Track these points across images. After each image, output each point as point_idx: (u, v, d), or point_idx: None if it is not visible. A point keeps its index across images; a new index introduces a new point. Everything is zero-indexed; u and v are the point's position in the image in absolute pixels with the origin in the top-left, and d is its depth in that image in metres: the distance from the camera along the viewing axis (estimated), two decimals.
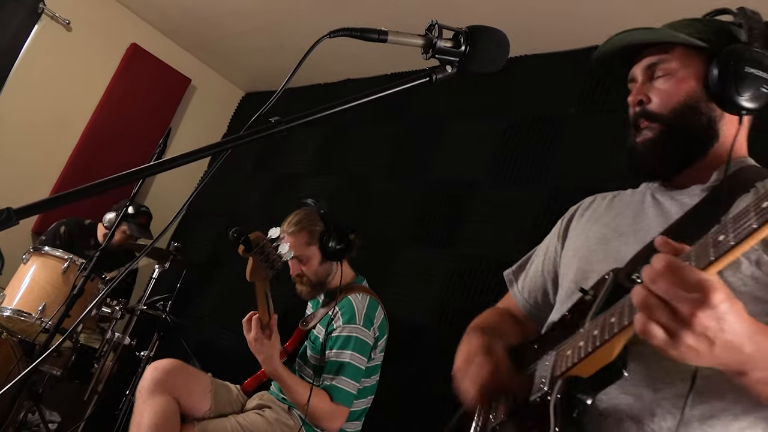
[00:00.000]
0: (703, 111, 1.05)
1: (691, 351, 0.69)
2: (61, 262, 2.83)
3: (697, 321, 0.67)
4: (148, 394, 2.02)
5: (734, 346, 0.69)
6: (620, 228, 1.12)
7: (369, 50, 3.47)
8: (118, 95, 4.27)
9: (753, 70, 0.96)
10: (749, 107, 0.97)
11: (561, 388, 0.90)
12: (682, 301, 0.67)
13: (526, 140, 2.88)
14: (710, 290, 0.66)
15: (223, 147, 0.80)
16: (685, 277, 0.67)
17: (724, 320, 0.67)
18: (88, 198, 0.71)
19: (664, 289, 0.68)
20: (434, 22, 0.88)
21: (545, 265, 1.30)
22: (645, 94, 1.10)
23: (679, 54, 1.08)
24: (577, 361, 0.88)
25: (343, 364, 2.06)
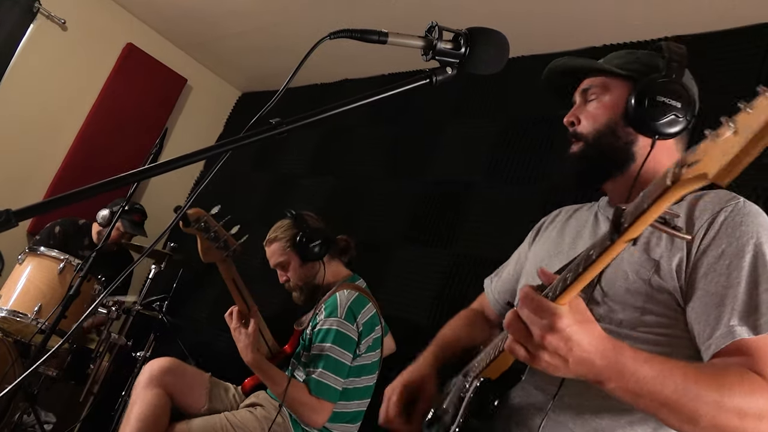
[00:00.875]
0: (620, 134, 1.17)
1: (550, 366, 0.82)
2: (56, 263, 2.82)
3: (547, 342, 0.79)
4: (142, 387, 2.08)
5: (585, 361, 0.81)
6: (560, 246, 1.27)
7: (367, 51, 3.47)
8: (113, 95, 4.26)
9: (664, 98, 1.08)
10: (663, 132, 1.09)
11: (474, 387, 1.06)
12: (535, 326, 0.80)
13: (523, 141, 2.88)
14: (556, 317, 0.78)
15: (223, 149, 0.79)
16: (538, 305, 0.80)
17: (571, 341, 0.79)
18: (85, 200, 0.71)
19: (525, 315, 0.81)
20: (434, 23, 0.88)
21: (516, 270, 1.43)
22: (576, 116, 1.25)
23: (605, 82, 1.22)
24: (486, 366, 1.05)
25: (322, 357, 2.05)
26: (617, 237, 0.73)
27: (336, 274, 2.36)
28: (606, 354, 0.82)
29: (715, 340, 0.94)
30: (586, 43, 2.84)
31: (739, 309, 0.94)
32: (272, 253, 2.37)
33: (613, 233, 0.73)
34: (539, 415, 1.04)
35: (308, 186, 3.86)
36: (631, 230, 0.71)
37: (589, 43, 2.84)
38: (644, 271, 1.04)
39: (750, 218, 1.01)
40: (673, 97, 1.08)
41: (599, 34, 2.73)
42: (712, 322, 0.95)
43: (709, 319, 0.96)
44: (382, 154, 3.56)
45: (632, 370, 0.83)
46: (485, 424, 1.03)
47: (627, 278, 1.06)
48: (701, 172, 0.59)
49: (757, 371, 0.88)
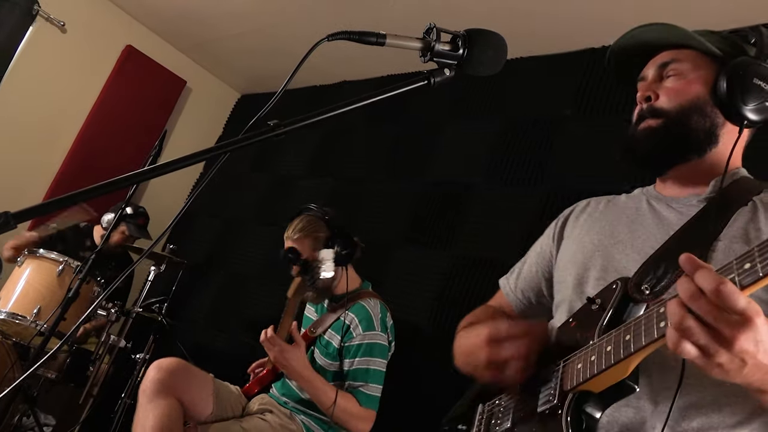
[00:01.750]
0: (708, 115, 1.07)
1: (722, 369, 0.70)
2: (56, 265, 2.81)
3: (738, 344, 0.68)
4: (153, 394, 1.99)
5: (763, 366, 0.71)
6: (617, 235, 1.12)
7: (365, 53, 3.47)
8: (113, 97, 4.26)
9: (759, 82, 0.99)
10: (751, 119, 0.99)
11: (572, 402, 0.89)
12: (724, 324, 0.68)
13: (523, 142, 2.89)
14: (755, 314, 0.67)
15: (222, 150, 0.79)
16: (733, 298, 0.67)
17: (762, 342, 0.68)
18: (85, 201, 0.71)
19: (706, 310, 0.68)
20: (432, 25, 0.88)
21: (540, 266, 1.31)
22: (654, 91, 1.12)
23: (692, 57, 1.11)
24: (590, 377, 0.88)
25: (369, 371, 2.11)
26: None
27: (353, 281, 2.32)
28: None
29: None
30: (585, 44, 2.84)
31: None
32: (299, 250, 2.25)
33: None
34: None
35: (307, 187, 3.86)
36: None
37: (588, 44, 2.84)
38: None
39: None
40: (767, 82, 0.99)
41: (598, 35, 2.74)
42: None
43: None
44: (381, 156, 3.56)
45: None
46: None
47: None
48: None
49: None
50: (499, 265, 1.50)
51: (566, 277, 1.17)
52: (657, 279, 0.94)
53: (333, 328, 2.22)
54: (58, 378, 2.86)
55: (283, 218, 2.45)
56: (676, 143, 1.09)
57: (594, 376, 0.87)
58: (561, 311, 1.16)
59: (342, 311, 2.21)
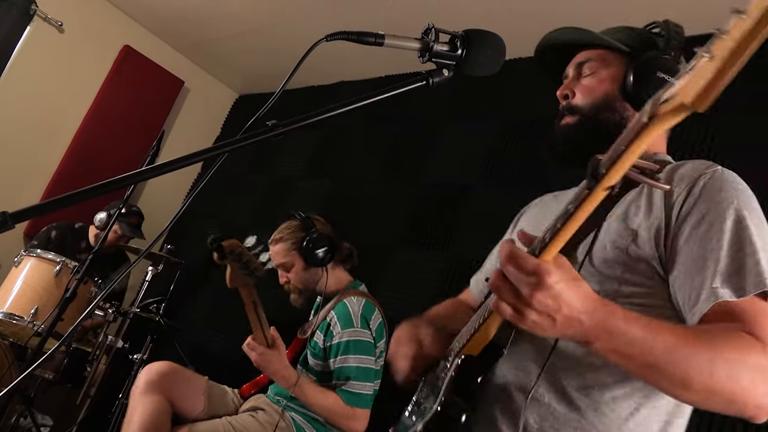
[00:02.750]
0: (617, 109, 1.14)
1: (537, 325, 0.78)
2: (53, 265, 2.81)
3: (536, 300, 0.76)
4: (141, 393, 2.06)
5: (574, 320, 0.78)
6: (539, 226, 1.17)
7: (364, 53, 3.47)
8: (111, 97, 4.25)
9: (663, 75, 1.04)
10: None
11: (456, 365, 1.02)
12: (523, 284, 0.76)
13: (521, 143, 2.89)
14: (544, 273, 0.75)
15: (220, 151, 0.79)
16: (524, 263, 0.76)
17: (560, 298, 0.76)
18: (83, 201, 0.71)
19: (510, 273, 0.77)
20: (431, 25, 0.88)
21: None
22: (571, 90, 1.21)
23: (603, 56, 1.19)
24: (466, 342, 1.01)
25: (350, 369, 2.10)
26: (594, 184, 0.70)
27: (339, 281, 2.36)
28: (596, 313, 0.79)
29: (700, 305, 0.90)
30: None
31: (721, 271, 0.90)
32: (276, 253, 2.35)
33: (590, 181, 0.71)
34: (522, 396, 1.01)
35: (305, 188, 3.86)
36: (609, 176, 0.69)
37: None
38: (621, 241, 1.01)
39: (728, 184, 0.99)
40: (672, 74, 1.04)
41: None
42: (696, 287, 0.92)
43: (693, 284, 0.93)
44: (379, 157, 3.56)
45: (623, 330, 0.80)
46: (468, 403, 0.99)
47: (605, 249, 1.02)
48: (678, 103, 0.59)
49: (746, 332, 0.85)
50: None
51: None
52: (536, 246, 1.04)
53: (319, 328, 2.24)
54: (56, 378, 2.85)
55: (280, 219, 2.45)
56: (590, 137, 1.15)
57: (468, 340, 1.01)
58: None
59: (325, 312, 2.24)
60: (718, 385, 0.80)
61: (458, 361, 1.01)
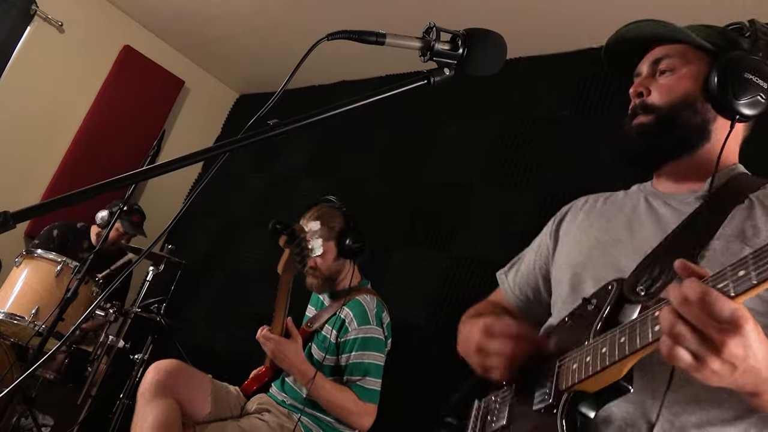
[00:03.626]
0: (699, 110, 1.07)
1: (715, 375, 0.71)
2: (54, 265, 2.81)
3: (727, 349, 0.68)
4: (151, 396, 1.99)
5: (754, 371, 0.72)
6: (615, 233, 1.12)
7: (365, 52, 3.47)
8: (111, 97, 4.25)
9: (751, 76, 0.97)
10: (743, 113, 0.98)
11: (567, 401, 0.91)
12: (714, 329, 0.68)
13: (522, 143, 2.88)
14: (742, 320, 0.68)
15: (221, 150, 0.79)
16: (718, 306, 0.68)
17: (750, 348, 0.69)
18: (84, 201, 0.71)
19: (695, 316, 0.69)
20: (432, 24, 0.88)
21: (537, 263, 1.31)
22: (646, 87, 1.13)
23: (685, 52, 1.11)
24: (584, 378, 0.89)
25: (367, 365, 2.11)
26: None
27: (355, 277, 2.36)
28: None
29: None
30: (584, 44, 2.84)
31: None
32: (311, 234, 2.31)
33: None
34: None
35: (306, 187, 3.86)
36: None
37: (588, 44, 2.84)
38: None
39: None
40: (759, 75, 0.97)
41: (598, 35, 2.74)
42: None
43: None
44: (380, 156, 3.56)
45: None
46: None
47: None
48: None
49: None
50: (497, 266, 1.50)
51: (563, 275, 1.18)
52: (652, 280, 0.95)
53: (329, 323, 2.23)
54: (57, 378, 2.85)
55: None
56: (667, 139, 1.09)
57: (589, 377, 0.88)
58: (558, 309, 1.17)
59: (339, 306, 2.23)
60: None
61: (568, 396, 0.91)
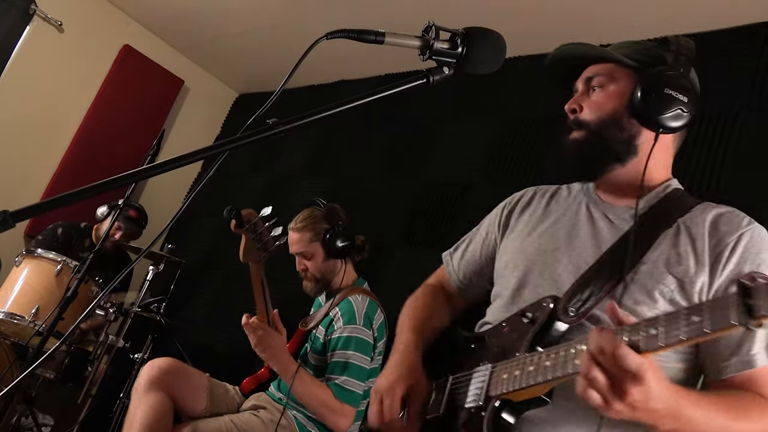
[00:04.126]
0: (625, 125, 1.14)
1: (617, 413, 0.82)
2: (54, 265, 2.81)
3: (630, 396, 0.79)
4: (143, 391, 2.03)
5: (652, 411, 0.82)
6: (557, 241, 1.21)
7: (364, 51, 3.46)
8: (110, 96, 4.25)
9: (671, 91, 1.05)
10: (666, 126, 1.06)
11: (493, 408, 1.02)
12: (621, 379, 0.79)
13: (521, 141, 2.88)
14: (645, 372, 0.78)
15: (220, 149, 0.79)
16: (627, 361, 0.78)
17: (650, 394, 0.80)
18: (83, 200, 0.71)
19: (608, 366, 0.80)
20: (431, 23, 0.88)
21: (483, 251, 1.40)
22: (579, 104, 1.21)
23: (613, 71, 1.18)
24: (512, 391, 1.00)
25: (346, 364, 2.08)
26: (751, 322, 0.68)
27: (348, 276, 2.37)
28: (669, 403, 0.84)
29: (733, 364, 0.98)
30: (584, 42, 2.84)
31: (761, 337, 0.98)
32: (297, 240, 2.32)
33: (744, 316, 0.69)
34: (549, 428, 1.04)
35: (305, 186, 3.86)
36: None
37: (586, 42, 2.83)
38: (667, 290, 1.03)
39: (766, 244, 1.04)
40: (680, 90, 1.05)
41: (597, 34, 2.73)
42: (732, 346, 0.99)
43: (729, 342, 0.99)
44: (380, 155, 3.56)
45: (688, 416, 0.87)
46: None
47: (651, 296, 1.04)
48: None
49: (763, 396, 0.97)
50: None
51: (508, 274, 1.26)
52: (582, 302, 1.05)
53: (322, 323, 2.24)
54: (57, 378, 2.85)
55: (281, 217, 2.45)
56: (596, 154, 1.17)
57: (515, 390, 0.99)
58: (497, 308, 1.25)
59: (330, 306, 2.23)
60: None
61: (495, 404, 1.02)
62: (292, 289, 2.43)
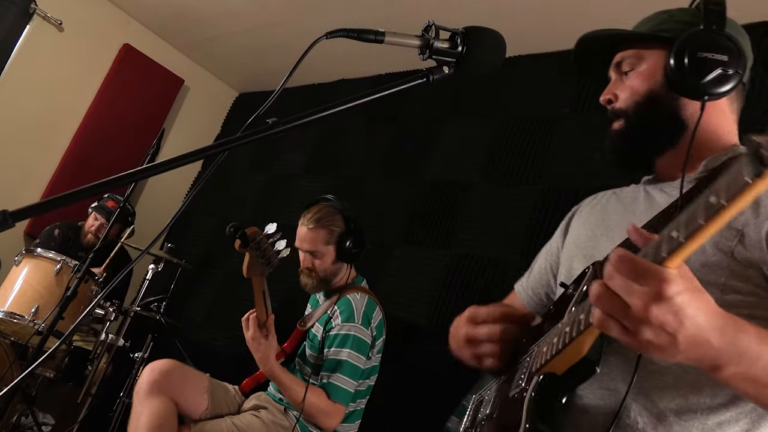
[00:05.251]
0: (665, 102, 1.05)
1: (653, 346, 0.66)
2: (53, 264, 2.81)
3: (652, 315, 0.64)
4: (145, 395, 2.03)
5: (700, 341, 0.66)
6: (609, 224, 1.13)
7: (364, 51, 3.46)
8: (110, 96, 4.25)
9: (707, 54, 0.94)
10: (711, 92, 0.95)
11: (536, 385, 0.88)
12: (635, 295, 0.64)
13: (521, 140, 2.88)
14: (663, 282, 0.63)
15: (220, 149, 0.79)
16: (638, 269, 0.64)
17: (682, 312, 0.64)
18: (83, 200, 0.71)
19: (618, 283, 0.66)
20: (431, 22, 0.88)
21: (548, 262, 1.31)
22: (612, 93, 1.13)
23: (641, 48, 1.10)
24: (550, 358, 0.87)
25: (340, 362, 2.07)
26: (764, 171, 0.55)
27: (348, 275, 2.34)
28: (725, 331, 0.67)
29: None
30: None
31: None
32: (311, 239, 2.23)
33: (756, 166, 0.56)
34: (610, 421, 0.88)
35: (305, 186, 3.86)
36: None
37: None
38: (725, 242, 0.89)
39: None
40: (717, 50, 0.94)
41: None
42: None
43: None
44: (380, 154, 3.56)
45: (758, 353, 0.69)
46: (552, 427, 0.87)
47: (704, 251, 0.89)
48: None
49: None
50: (497, 264, 1.50)
51: (562, 269, 1.20)
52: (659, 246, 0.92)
53: (320, 321, 2.23)
54: (57, 377, 2.85)
55: (281, 217, 2.45)
56: (643, 139, 1.09)
57: (553, 357, 0.86)
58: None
59: (330, 305, 2.22)
60: None
61: (538, 379, 0.89)
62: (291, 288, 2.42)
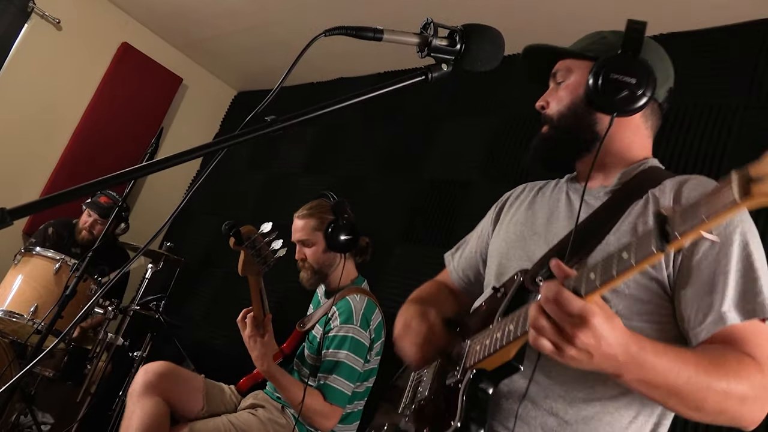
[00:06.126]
0: (582, 115, 1.20)
1: (574, 360, 0.84)
2: (52, 263, 2.80)
3: (578, 339, 0.81)
4: (138, 396, 2.04)
5: (610, 357, 0.84)
6: (535, 227, 1.27)
7: (362, 49, 3.46)
8: (109, 94, 4.25)
9: (618, 76, 1.08)
10: (619, 109, 1.09)
11: (469, 380, 1.05)
12: (567, 323, 0.81)
13: (520, 138, 2.88)
14: (589, 315, 0.80)
15: (219, 146, 0.79)
16: (570, 305, 0.80)
17: (601, 337, 0.81)
18: (82, 198, 0.71)
19: (553, 313, 0.82)
20: (429, 20, 0.88)
21: (478, 248, 1.45)
22: (546, 100, 1.28)
23: (571, 64, 1.25)
24: (482, 358, 1.04)
25: (338, 364, 2.06)
26: (666, 246, 0.70)
27: (348, 274, 2.34)
28: (629, 349, 0.85)
29: (707, 326, 0.99)
30: None
31: (730, 296, 0.99)
32: (301, 228, 2.31)
33: (660, 242, 0.70)
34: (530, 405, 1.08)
35: (304, 184, 3.86)
36: (683, 240, 0.69)
37: None
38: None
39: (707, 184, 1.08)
40: (627, 73, 1.08)
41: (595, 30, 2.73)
42: (704, 307, 1.00)
43: (701, 305, 1.00)
44: (379, 152, 3.56)
45: (651, 363, 0.87)
46: (480, 415, 1.04)
47: None
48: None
49: (748, 354, 0.95)
50: None
51: (491, 264, 1.33)
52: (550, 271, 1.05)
53: (320, 323, 2.23)
54: (56, 376, 2.85)
55: (280, 215, 2.45)
56: (561, 145, 1.24)
57: (485, 357, 1.03)
58: (484, 294, 1.30)
59: (329, 306, 2.21)
60: (728, 407, 0.91)
61: (471, 375, 1.05)
62: (291, 288, 2.42)
